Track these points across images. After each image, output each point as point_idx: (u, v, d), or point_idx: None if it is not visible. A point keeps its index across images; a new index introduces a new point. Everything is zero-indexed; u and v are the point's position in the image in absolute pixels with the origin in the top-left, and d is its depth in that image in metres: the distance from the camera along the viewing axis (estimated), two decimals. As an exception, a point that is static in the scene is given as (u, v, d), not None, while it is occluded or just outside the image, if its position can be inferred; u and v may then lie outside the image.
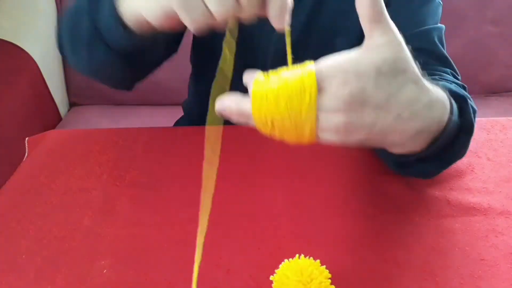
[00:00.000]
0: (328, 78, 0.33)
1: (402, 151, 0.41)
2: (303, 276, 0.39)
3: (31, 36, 1.25)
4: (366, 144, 0.37)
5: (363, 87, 0.32)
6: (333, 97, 0.33)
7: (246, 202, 0.52)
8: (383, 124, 0.34)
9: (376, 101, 0.33)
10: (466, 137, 0.45)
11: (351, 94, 0.32)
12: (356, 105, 0.33)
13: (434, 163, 0.47)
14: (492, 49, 1.33)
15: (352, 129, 0.34)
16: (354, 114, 0.33)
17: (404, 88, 0.34)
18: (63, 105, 1.36)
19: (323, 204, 0.51)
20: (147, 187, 0.54)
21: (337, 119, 0.33)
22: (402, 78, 0.34)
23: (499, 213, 0.49)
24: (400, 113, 0.34)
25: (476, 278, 0.42)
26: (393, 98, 0.34)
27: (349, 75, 0.32)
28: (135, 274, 0.44)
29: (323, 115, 0.34)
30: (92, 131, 0.65)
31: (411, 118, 0.35)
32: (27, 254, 0.46)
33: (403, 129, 0.36)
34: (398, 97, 0.34)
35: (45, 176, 0.56)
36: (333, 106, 0.33)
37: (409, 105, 0.35)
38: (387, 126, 0.35)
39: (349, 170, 0.56)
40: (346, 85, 0.32)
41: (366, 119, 0.34)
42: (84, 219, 0.50)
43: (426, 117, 0.36)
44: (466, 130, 0.44)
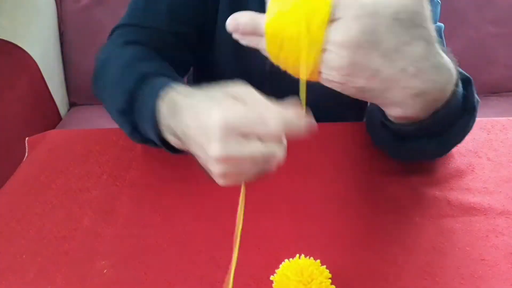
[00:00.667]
0: (343, 9, 0.32)
1: (400, 114, 0.40)
2: (304, 276, 0.39)
3: (31, 36, 1.25)
4: (365, 94, 0.36)
5: (376, 27, 0.32)
6: (344, 30, 0.32)
7: (246, 202, 0.52)
8: (386, 73, 0.34)
9: (385, 46, 0.33)
10: (467, 118, 0.44)
11: (362, 31, 0.32)
12: (364, 45, 0.32)
13: (432, 140, 0.46)
14: (492, 49, 1.33)
15: (355, 70, 0.33)
16: (360, 54, 0.33)
17: (415, 43, 0.33)
18: (63, 105, 1.36)
19: (323, 204, 0.51)
20: (147, 187, 0.54)
21: (343, 55, 0.33)
22: (416, 32, 0.33)
23: (500, 213, 0.49)
24: (406, 67, 0.34)
25: (476, 278, 0.42)
26: (403, 48, 0.33)
27: (364, 11, 0.32)
28: (135, 274, 0.44)
29: (330, 47, 0.33)
30: (92, 131, 0.65)
31: (416, 75, 0.34)
32: (27, 254, 0.46)
33: (405, 85, 0.35)
34: (407, 49, 0.33)
35: (45, 176, 0.56)
36: (342, 40, 0.32)
37: (416, 61, 0.34)
38: (390, 77, 0.34)
39: (350, 170, 0.56)
40: (360, 20, 0.32)
41: (371, 63, 0.33)
42: (84, 219, 0.50)
43: (431, 79, 0.36)
44: (468, 111, 0.43)
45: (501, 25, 1.31)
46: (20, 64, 1.20)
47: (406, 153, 0.52)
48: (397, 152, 0.53)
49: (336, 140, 0.61)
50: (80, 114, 1.37)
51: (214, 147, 0.34)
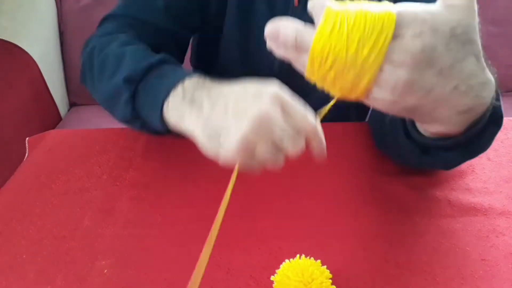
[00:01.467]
0: (406, 26, 0.31)
1: (442, 130, 0.40)
2: (304, 276, 0.39)
3: (31, 36, 1.25)
4: (412, 113, 0.36)
5: (436, 44, 0.31)
6: (405, 48, 0.31)
7: (246, 202, 0.52)
8: (439, 92, 0.33)
9: (442, 64, 0.32)
10: (494, 129, 0.44)
11: (423, 49, 0.31)
12: (423, 63, 0.32)
13: (458, 152, 0.45)
14: (492, 49, 1.32)
15: (409, 89, 0.33)
16: (417, 73, 0.32)
17: (467, 59, 0.33)
18: (63, 105, 1.36)
19: (323, 204, 0.51)
20: (147, 187, 0.54)
21: (400, 74, 0.32)
22: (469, 47, 0.33)
23: (500, 213, 0.49)
24: (458, 85, 0.33)
25: (476, 278, 0.42)
26: (457, 66, 0.33)
27: (425, 28, 0.31)
28: (135, 274, 0.44)
29: (387, 67, 0.32)
30: (92, 131, 0.65)
31: (466, 92, 0.34)
32: (27, 254, 0.46)
33: (455, 103, 0.35)
34: (461, 66, 0.33)
35: (45, 176, 0.56)
36: (402, 58, 0.31)
37: (468, 79, 0.34)
38: (442, 95, 0.33)
39: (350, 170, 0.56)
40: (421, 37, 0.31)
41: (426, 81, 0.32)
42: (84, 219, 0.50)
43: (478, 95, 0.35)
44: (496, 122, 0.43)
45: (501, 25, 1.31)
46: (20, 64, 1.20)
47: (426, 164, 0.51)
48: (416, 162, 0.51)
49: (337, 140, 0.61)
50: (80, 114, 1.37)
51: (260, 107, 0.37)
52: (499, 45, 1.32)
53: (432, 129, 0.41)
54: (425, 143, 0.45)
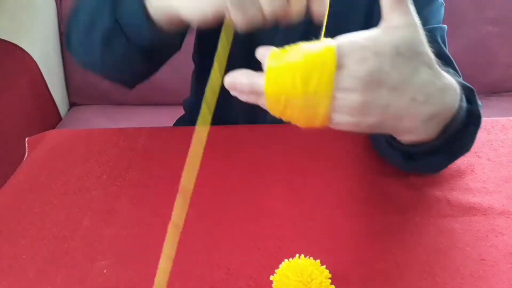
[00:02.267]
0: (347, 55, 0.32)
1: (413, 138, 0.40)
2: (303, 276, 0.39)
3: (31, 36, 1.25)
4: (378, 129, 0.37)
5: (381, 66, 0.32)
6: (351, 75, 0.32)
7: (246, 202, 0.52)
8: (397, 106, 0.34)
9: (393, 81, 0.33)
10: (473, 129, 0.44)
11: (369, 72, 0.32)
12: (373, 85, 0.33)
13: (441, 155, 0.46)
14: (492, 49, 1.32)
15: (367, 110, 0.34)
16: (370, 94, 0.33)
17: (419, 71, 0.34)
18: (63, 105, 1.36)
19: (323, 204, 0.51)
20: (147, 187, 0.54)
21: (353, 98, 0.33)
22: (418, 60, 0.34)
23: (499, 213, 0.49)
24: (415, 96, 0.34)
25: (476, 278, 0.42)
26: (409, 79, 0.34)
27: (368, 53, 0.32)
28: (135, 274, 0.44)
29: (339, 94, 0.33)
30: (92, 131, 0.65)
31: (425, 101, 0.35)
32: (27, 254, 0.46)
33: (416, 113, 0.36)
34: (413, 79, 0.34)
35: (45, 176, 0.56)
36: (350, 85, 0.33)
37: (424, 88, 0.34)
38: (401, 109, 0.34)
39: (350, 170, 0.56)
40: (365, 62, 0.32)
41: (382, 100, 0.33)
42: (84, 219, 0.50)
43: (439, 101, 0.36)
44: (474, 121, 0.43)
45: (501, 25, 1.31)
46: (20, 64, 1.20)
47: (413, 168, 0.52)
48: (404, 166, 0.53)
49: (336, 140, 0.61)
50: (80, 114, 1.37)
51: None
52: (499, 45, 1.32)
53: (404, 139, 0.42)
54: (405, 150, 0.46)
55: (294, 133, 0.62)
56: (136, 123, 1.27)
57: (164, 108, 1.32)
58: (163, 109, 1.33)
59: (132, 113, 1.34)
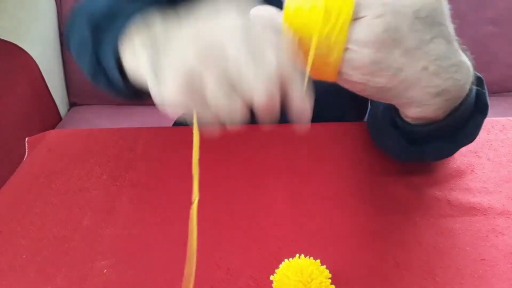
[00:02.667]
0: (366, 7, 0.32)
1: (419, 114, 0.40)
2: (304, 276, 0.39)
3: (31, 36, 1.25)
4: (386, 95, 0.36)
5: (398, 25, 0.32)
6: (367, 29, 0.32)
7: (246, 202, 0.52)
8: (408, 72, 0.34)
9: (407, 44, 0.33)
10: (480, 118, 0.44)
11: (385, 29, 0.32)
12: (387, 43, 0.32)
13: (445, 141, 0.45)
14: (492, 49, 1.32)
15: (377, 69, 0.33)
16: (383, 52, 0.33)
17: (436, 41, 0.34)
18: (63, 105, 1.36)
19: (323, 204, 0.51)
20: (147, 187, 0.54)
21: (365, 53, 0.33)
22: (436, 30, 0.33)
23: (500, 213, 0.49)
24: (427, 65, 0.34)
25: (476, 278, 0.42)
26: (424, 46, 0.33)
27: (387, 9, 0.32)
28: (135, 274, 0.44)
29: (352, 46, 0.33)
30: (92, 131, 0.65)
31: (437, 73, 0.35)
32: (27, 254, 0.46)
33: (426, 84, 0.35)
34: (428, 47, 0.33)
35: (45, 176, 0.56)
36: (365, 38, 0.32)
37: (437, 60, 0.34)
38: (411, 76, 0.34)
39: (350, 170, 0.56)
40: (382, 18, 0.32)
41: (393, 61, 0.33)
42: (84, 219, 0.50)
43: (451, 77, 0.36)
44: (481, 110, 0.43)
45: (501, 25, 1.31)
46: (20, 64, 1.20)
47: (414, 155, 0.51)
48: (405, 154, 0.52)
49: (336, 140, 0.61)
50: (80, 114, 1.37)
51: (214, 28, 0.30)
52: (499, 45, 1.32)
53: (410, 113, 0.41)
54: (409, 131, 0.45)
55: (294, 133, 0.62)
56: (136, 123, 1.27)
57: (164, 108, 1.32)
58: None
59: (132, 113, 1.34)
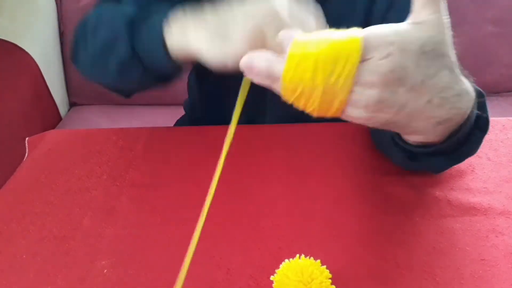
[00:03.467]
0: (373, 49, 0.32)
1: (421, 139, 0.40)
2: (304, 276, 0.39)
3: (31, 36, 1.25)
4: (389, 126, 0.36)
5: (405, 64, 0.32)
6: (373, 70, 0.32)
7: (246, 202, 0.52)
8: (413, 107, 0.34)
9: (413, 81, 0.33)
10: (480, 134, 0.44)
11: (392, 69, 0.32)
12: (393, 82, 0.32)
13: (445, 157, 0.46)
14: (492, 49, 1.32)
15: (382, 107, 0.33)
16: (388, 92, 0.32)
17: (440, 73, 0.33)
18: (63, 105, 1.36)
19: (323, 204, 0.51)
20: (147, 187, 0.54)
21: (371, 93, 0.32)
22: (440, 62, 0.33)
23: (500, 213, 0.49)
24: (432, 99, 0.34)
25: (476, 278, 0.42)
26: (429, 81, 0.33)
27: (394, 49, 0.32)
28: (135, 274, 0.44)
29: (357, 88, 0.32)
30: (92, 131, 0.65)
31: (441, 105, 0.34)
32: (27, 254, 0.46)
33: (430, 116, 0.35)
34: (433, 81, 0.33)
35: (45, 176, 0.56)
36: (371, 79, 0.32)
37: (442, 92, 0.34)
38: (416, 110, 0.34)
39: (350, 170, 0.56)
40: (389, 58, 0.31)
41: (399, 98, 0.33)
42: (84, 219, 0.50)
43: (454, 107, 0.36)
44: (481, 127, 0.43)
45: (501, 24, 1.31)
46: (20, 64, 1.20)
47: (415, 167, 0.52)
48: (406, 165, 0.52)
49: (336, 140, 0.61)
50: (80, 114, 1.37)
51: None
52: (499, 45, 1.32)
53: (412, 139, 0.41)
54: (410, 150, 0.45)
55: (295, 133, 0.62)
56: (136, 123, 1.27)
57: (164, 108, 1.32)
58: (163, 109, 1.33)
59: (132, 113, 1.34)
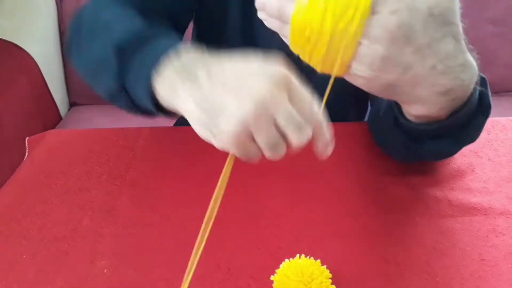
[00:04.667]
0: (382, 3, 0.32)
1: (423, 111, 0.40)
2: (304, 276, 0.39)
3: (31, 36, 1.25)
4: (391, 91, 0.36)
5: (412, 22, 0.32)
6: (381, 24, 0.32)
7: (246, 202, 0.52)
8: (417, 70, 0.34)
9: (419, 42, 0.33)
10: (482, 118, 0.44)
11: (399, 25, 0.32)
12: (400, 39, 0.32)
13: (447, 140, 0.45)
14: (492, 49, 1.32)
15: (387, 64, 0.33)
16: (394, 49, 0.33)
17: (446, 40, 0.34)
18: (63, 105, 1.36)
19: (323, 204, 0.51)
20: (147, 187, 0.54)
21: (378, 49, 0.33)
22: (447, 29, 0.34)
23: (500, 213, 0.49)
24: (436, 64, 0.34)
25: (476, 278, 0.42)
26: (435, 45, 0.33)
27: (402, 5, 0.32)
28: (135, 274, 0.44)
29: (365, 42, 0.33)
30: (92, 131, 0.65)
31: (444, 72, 0.35)
32: (27, 254, 0.46)
33: (433, 83, 0.35)
34: (438, 46, 0.33)
35: (45, 176, 0.56)
36: (378, 34, 0.32)
37: (446, 59, 0.34)
38: (419, 74, 0.34)
39: (350, 170, 0.56)
40: (397, 14, 0.32)
41: (404, 58, 0.33)
42: (84, 219, 0.50)
43: (457, 77, 0.36)
44: (483, 111, 0.43)
45: (501, 24, 1.31)
46: (20, 64, 1.20)
47: (416, 154, 0.51)
48: (406, 153, 0.52)
49: (336, 140, 0.61)
50: (80, 114, 1.37)
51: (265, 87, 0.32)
52: (499, 45, 1.32)
53: (414, 111, 0.41)
54: (412, 129, 0.45)
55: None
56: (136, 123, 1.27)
57: (164, 108, 1.32)
58: (163, 109, 1.32)
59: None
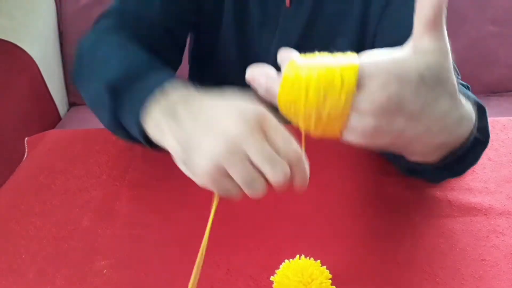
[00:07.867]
0: (370, 77, 0.31)
1: (419, 159, 0.40)
2: (304, 276, 0.39)
3: (31, 36, 1.25)
4: (389, 149, 0.36)
5: (403, 93, 0.31)
6: (370, 99, 0.31)
7: (246, 202, 0.52)
8: (411, 134, 0.33)
9: (411, 110, 0.32)
10: (480, 149, 0.44)
11: (389, 99, 0.31)
12: (390, 111, 0.31)
13: (444, 172, 0.46)
14: (493, 49, 1.32)
15: (379, 134, 0.33)
16: (385, 120, 0.32)
17: (439, 100, 0.33)
18: (62, 105, 1.36)
19: (323, 205, 0.51)
20: (147, 187, 0.54)
21: (367, 121, 0.32)
22: (440, 89, 0.32)
23: (500, 213, 0.49)
24: (430, 126, 0.33)
25: (476, 279, 0.42)
26: (428, 109, 0.32)
27: (391, 78, 0.31)
28: (135, 274, 0.43)
29: (354, 116, 0.32)
30: (92, 131, 0.65)
31: (440, 132, 0.34)
32: (27, 254, 0.46)
33: (429, 141, 0.35)
34: (432, 109, 0.32)
35: (45, 176, 0.56)
36: (367, 108, 0.31)
37: (441, 119, 0.33)
38: (414, 136, 0.33)
39: (350, 171, 0.56)
40: (386, 88, 0.31)
41: (396, 126, 0.32)
42: (84, 219, 0.50)
43: (453, 133, 0.36)
44: (482, 143, 0.43)
45: (501, 25, 1.31)
46: (20, 64, 1.20)
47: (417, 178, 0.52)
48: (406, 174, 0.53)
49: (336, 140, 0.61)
50: (80, 114, 1.36)
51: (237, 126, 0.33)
52: (499, 45, 1.32)
53: (410, 159, 0.41)
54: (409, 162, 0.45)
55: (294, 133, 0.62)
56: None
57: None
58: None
59: (132, 113, 1.33)
